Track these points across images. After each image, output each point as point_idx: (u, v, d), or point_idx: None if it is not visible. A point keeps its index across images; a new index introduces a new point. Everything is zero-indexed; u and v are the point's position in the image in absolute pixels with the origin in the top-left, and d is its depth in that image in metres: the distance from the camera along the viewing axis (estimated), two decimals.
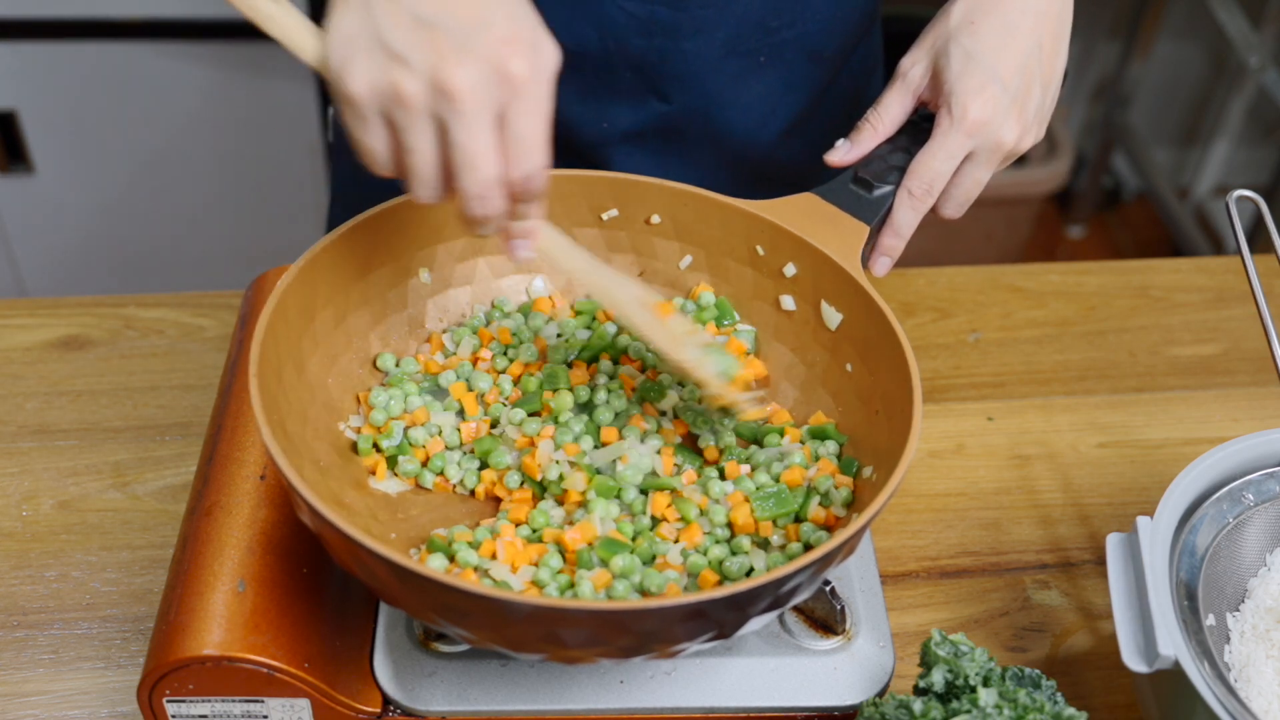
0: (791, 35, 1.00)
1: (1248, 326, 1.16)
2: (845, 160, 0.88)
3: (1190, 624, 0.73)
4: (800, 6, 0.98)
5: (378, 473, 0.80)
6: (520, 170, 0.65)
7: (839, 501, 0.78)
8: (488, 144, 0.64)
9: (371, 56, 0.63)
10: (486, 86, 0.63)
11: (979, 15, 0.84)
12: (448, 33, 0.62)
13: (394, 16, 0.63)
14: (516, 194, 0.66)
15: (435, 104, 0.63)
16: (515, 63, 0.63)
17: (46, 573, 0.89)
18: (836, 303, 0.84)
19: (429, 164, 0.65)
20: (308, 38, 0.67)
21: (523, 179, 0.65)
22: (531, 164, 0.65)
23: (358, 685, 0.76)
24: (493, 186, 0.65)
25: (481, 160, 0.64)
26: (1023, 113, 0.84)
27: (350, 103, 0.64)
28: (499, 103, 0.63)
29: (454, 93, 0.62)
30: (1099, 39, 2.72)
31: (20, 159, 2.04)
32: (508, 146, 0.65)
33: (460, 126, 0.63)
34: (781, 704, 0.77)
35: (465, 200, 0.65)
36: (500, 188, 0.65)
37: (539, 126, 0.65)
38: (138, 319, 1.09)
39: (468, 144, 0.63)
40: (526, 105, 0.64)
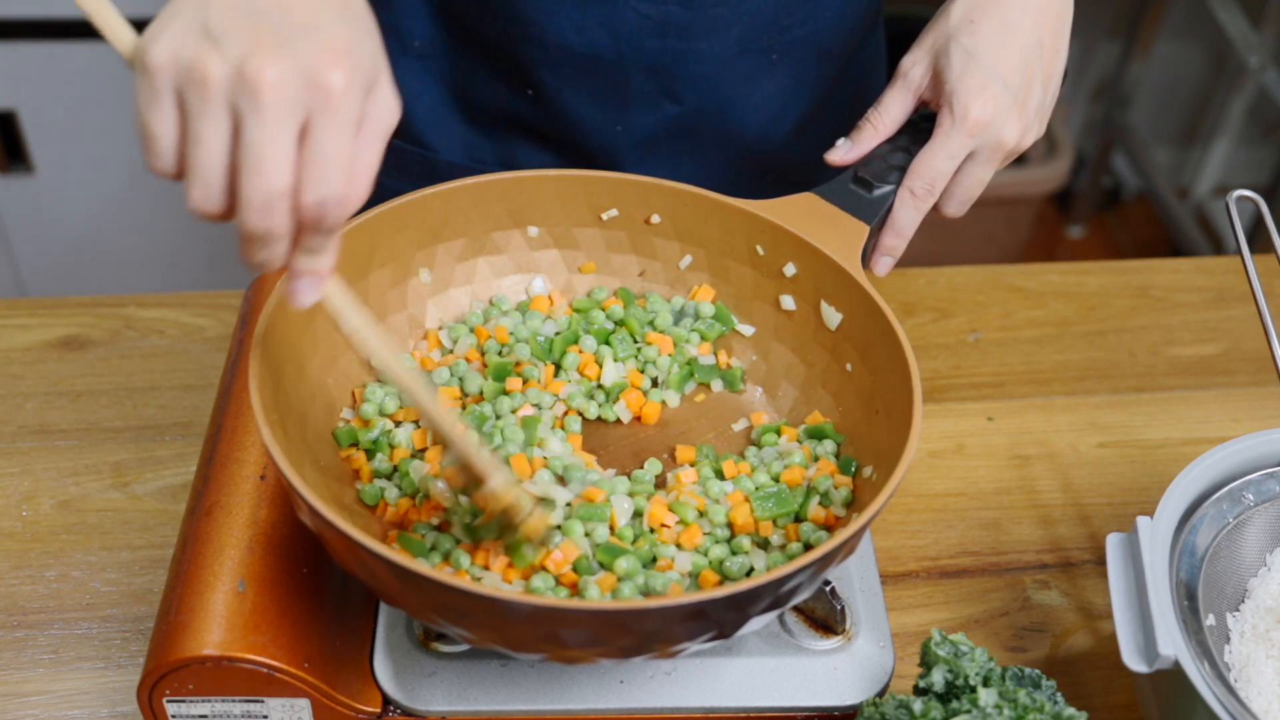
0: (803, 33, 1.00)
1: (1248, 326, 1.16)
2: (846, 160, 0.88)
3: (1190, 624, 0.73)
4: (811, 4, 0.98)
5: (363, 475, 0.80)
6: (316, 192, 0.57)
7: (839, 501, 0.78)
8: (283, 150, 0.56)
9: (185, 31, 0.56)
10: (296, 89, 0.56)
11: (979, 14, 0.84)
12: (273, 27, 0.56)
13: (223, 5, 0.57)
14: (306, 220, 0.58)
15: (236, 93, 0.55)
16: (334, 74, 0.56)
17: (46, 573, 0.89)
18: (836, 303, 0.84)
19: (214, 160, 0.57)
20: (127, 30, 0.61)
21: (316, 203, 0.57)
22: (329, 188, 0.57)
23: (358, 685, 0.76)
24: (278, 199, 0.57)
25: (271, 165, 0.56)
26: (1024, 111, 0.84)
27: (146, 73, 0.57)
28: (306, 111, 0.56)
29: (259, 85, 0.55)
30: (1099, 39, 2.72)
31: (20, 159, 2.04)
32: (306, 162, 0.57)
33: (256, 123, 0.55)
34: (781, 704, 0.77)
35: (244, 210, 0.57)
36: (287, 203, 0.57)
37: (344, 148, 0.57)
38: (138, 319, 1.09)
39: (260, 143, 0.56)
40: (335, 122, 0.57)
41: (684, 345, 0.87)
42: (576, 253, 0.90)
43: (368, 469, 0.79)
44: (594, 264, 0.91)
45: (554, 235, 0.89)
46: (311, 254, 0.61)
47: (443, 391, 0.83)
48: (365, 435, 0.80)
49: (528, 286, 0.91)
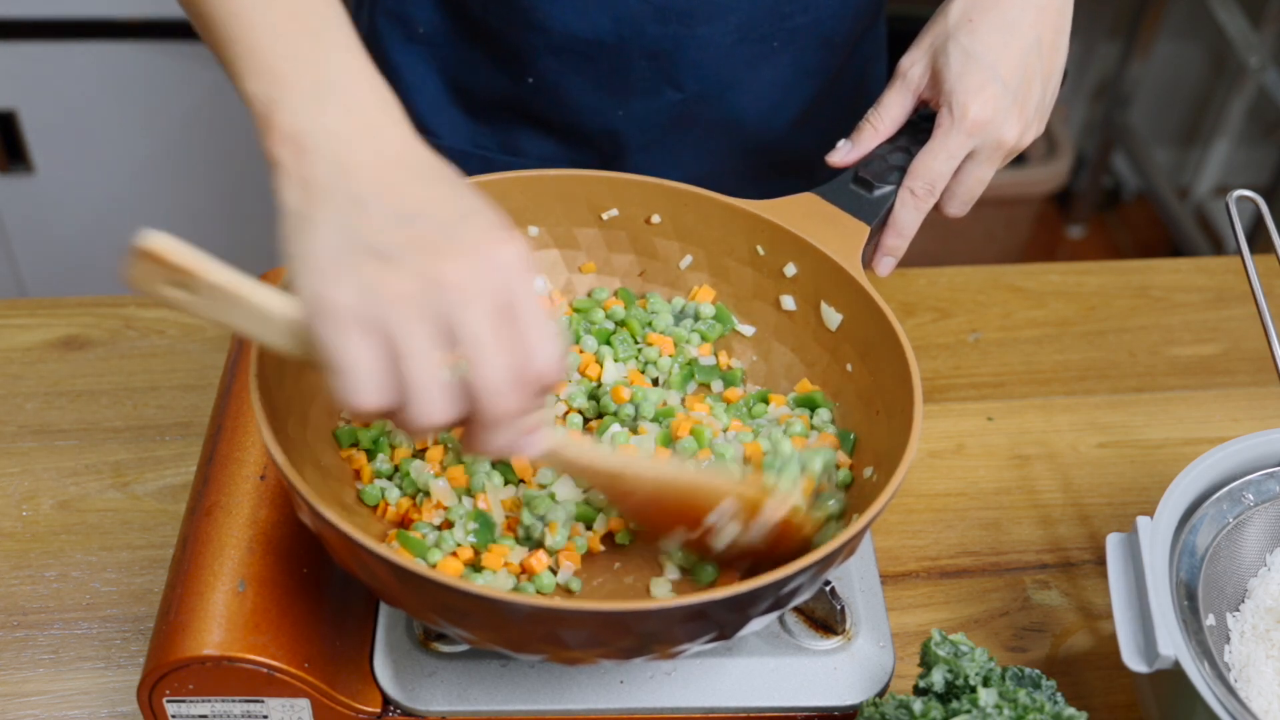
0: (805, 21, 1.00)
1: (1248, 326, 1.16)
2: (846, 161, 0.88)
3: (1190, 624, 0.73)
4: None
5: (363, 475, 0.80)
6: (542, 356, 0.58)
7: (839, 482, 0.79)
8: (500, 332, 0.57)
9: (356, 263, 0.56)
10: (485, 274, 0.57)
11: (977, 13, 0.84)
12: (433, 226, 0.57)
13: (371, 220, 0.57)
14: (543, 388, 0.59)
15: (436, 300, 0.56)
16: (506, 249, 0.58)
17: (46, 573, 0.89)
18: (836, 303, 0.84)
19: (433, 370, 0.56)
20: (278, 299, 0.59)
21: (545, 365, 0.58)
22: (550, 351, 0.58)
23: (358, 685, 0.76)
24: (515, 380, 0.57)
25: (501, 350, 0.57)
26: (1024, 110, 0.84)
27: (332, 316, 0.56)
28: (501, 290, 0.57)
29: (459, 284, 0.56)
30: (1099, 39, 2.72)
31: (20, 159, 2.04)
32: (522, 333, 0.57)
33: (469, 318, 0.56)
34: (781, 704, 0.77)
35: (487, 403, 0.57)
36: (521, 382, 0.58)
37: (543, 311, 0.59)
38: (138, 319, 1.09)
39: (482, 334, 0.56)
40: (526, 289, 0.58)
41: (684, 346, 0.87)
42: (576, 253, 0.90)
43: (368, 469, 0.79)
44: (594, 264, 0.91)
45: (554, 235, 0.89)
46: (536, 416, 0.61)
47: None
48: (365, 435, 0.80)
49: None
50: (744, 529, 0.71)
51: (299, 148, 0.60)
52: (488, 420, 0.58)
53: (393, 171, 0.60)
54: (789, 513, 0.71)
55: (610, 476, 0.71)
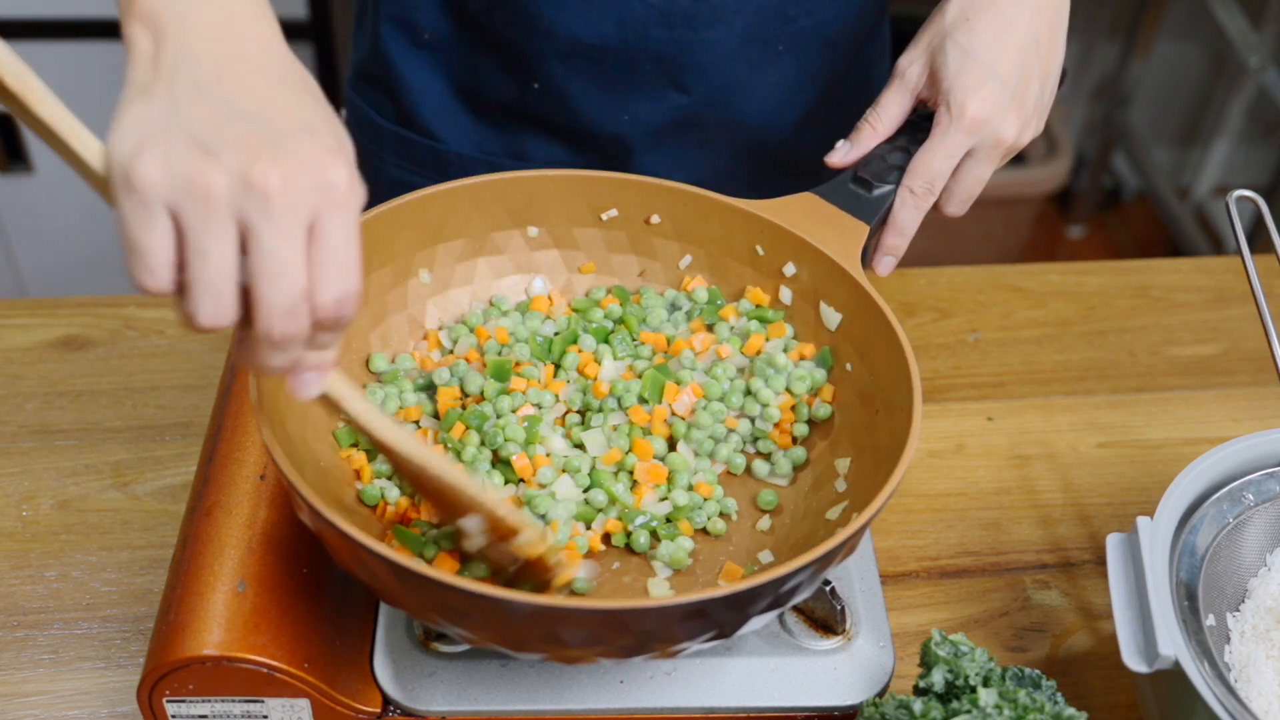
0: (809, 23, 1.00)
1: (1248, 326, 1.16)
2: (845, 161, 0.88)
3: (1190, 624, 0.73)
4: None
5: (363, 475, 0.80)
6: (334, 290, 0.56)
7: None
8: (299, 252, 0.55)
9: (171, 144, 0.54)
10: (303, 190, 0.55)
11: (974, 12, 0.84)
12: (265, 130, 0.56)
13: (203, 108, 0.56)
14: (325, 319, 0.57)
15: (242, 202, 0.54)
16: (337, 171, 0.56)
17: (46, 573, 0.89)
18: (836, 303, 0.84)
19: (224, 273, 0.55)
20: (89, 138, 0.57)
21: (335, 300, 0.56)
22: (346, 284, 0.57)
23: (358, 685, 0.76)
24: (301, 302, 0.56)
25: (291, 269, 0.55)
26: (1022, 108, 0.84)
27: (135, 190, 0.54)
28: (313, 211, 0.56)
29: (268, 190, 0.54)
30: (1099, 39, 2.72)
31: (20, 159, 2.04)
32: (321, 262, 0.56)
33: (270, 229, 0.54)
34: (781, 704, 0.77)
35: (267, 318, 0.56)
36: (308, 305, 0.56)
37: (355, 244, 0.57)
38: (138, 319, 1.09)
39: (277, 248, 0.54)
40: (343, 219, 0.56)
41: (675, 343, 0.87)
42: (576, 253, 0.90)
43: (368, 469, 0.79)
44: (594, 264, 0.91)
45: (554, 235, 0.89)
46: (320, 349, 0.60)
47: (443, 392, 0.83)
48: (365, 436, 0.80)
49: (528, 287, 0.91)
50: (491, 544, 0.71)
51: (155, 31, 0.58)
52: (268, 339, 0.57)
53: (244, 71, 0.58)
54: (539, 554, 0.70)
55: (380, 444, 0.68)
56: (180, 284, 0.56)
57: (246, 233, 0.55)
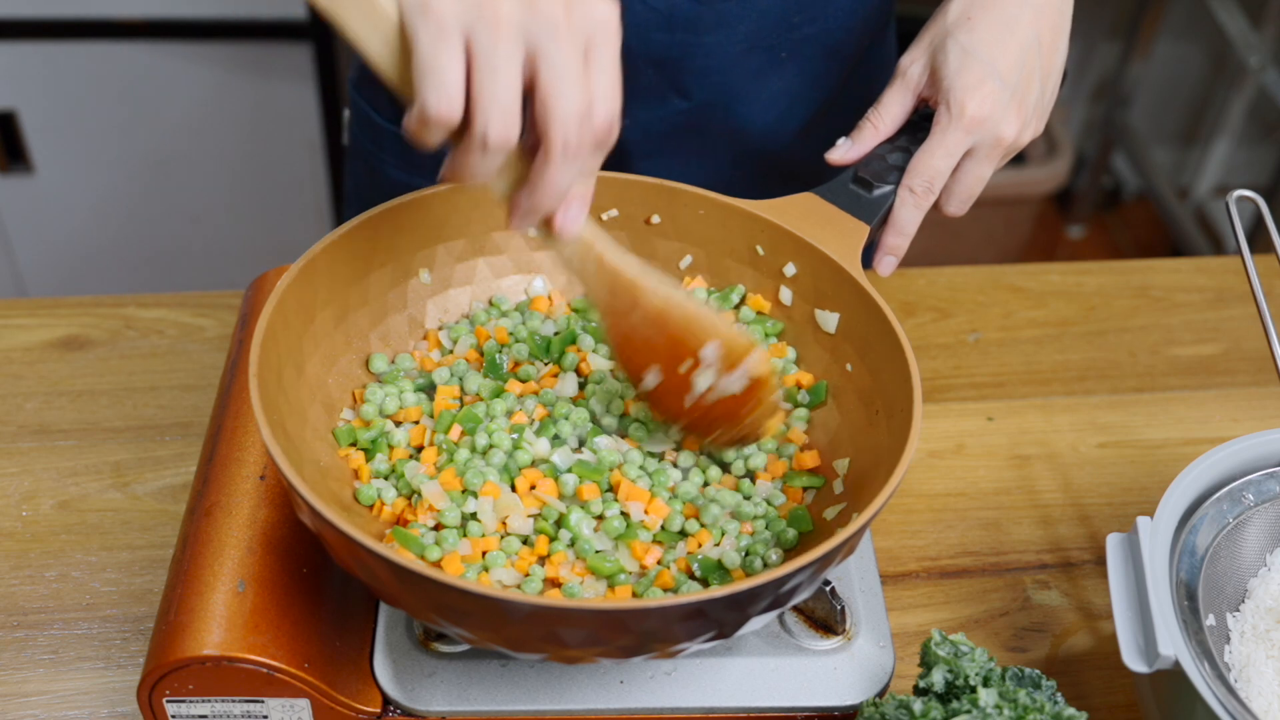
0: (813, 31, 1.00)
1: (1248, 326, 1.16)
2: (846, 159, 0.88)
3: (1190, 624, 0.73)
4: (822, 2, 0.98)
5: (361, 475, 0.79)
6: (606, 112, 0.62)
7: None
8: (580, 73, 0.61)
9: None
10: (579, 17, 0.61)
11: (976, 11, 0.84)
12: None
13: None
14: (599, 136, 0.63)
15: (532, 25, 0.60)
16: (606, 6, 0.62)
17: (46, 573, 0.89)
18: (835, 303, 0.84)
19: (512, 89, 0.60)
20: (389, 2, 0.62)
21: (606, 122, 0.63)
22: (614, 106, 0.63)
23: (358, 685, 0.76)
24: (585, 116, 0.62)
25: (578, 83, 0.61)
26: (1022, 107, 0.84)
27: (430, 16, 0.59)
28: (588, 39, 0.61)
29: (554, 16, 0.60)
30: (1099, 39, 2.72)
31: (20, 159, 2.04)
32: (596, 81, 0.62)
33: (557, 49, 0.60)
34: (781, 704, 0.77)
35: (563, 127, 0.61)
36: (589, 124, 0.62)
37: (617, 71, 0.63)
38: (138, 319, 1.09)
39: (564, 67, 0.60)
40: (610, 48, 0.62)
41: None
42: None
43: (366, 469, 0.79)
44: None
45: None
46: (587, 180, 0.66)
47: (441, 391, 0.83)
48: (363, 435, 0.80)
49: (527, 287, 0.91)
50: (721, 375, 0.75)
51: None
52: (556, 150, 0.62)
53: None
54: (766, 373, 0.75)
55: (625, 284, 0.73)
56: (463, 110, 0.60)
57: (535, 54, 0.60)
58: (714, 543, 0.77)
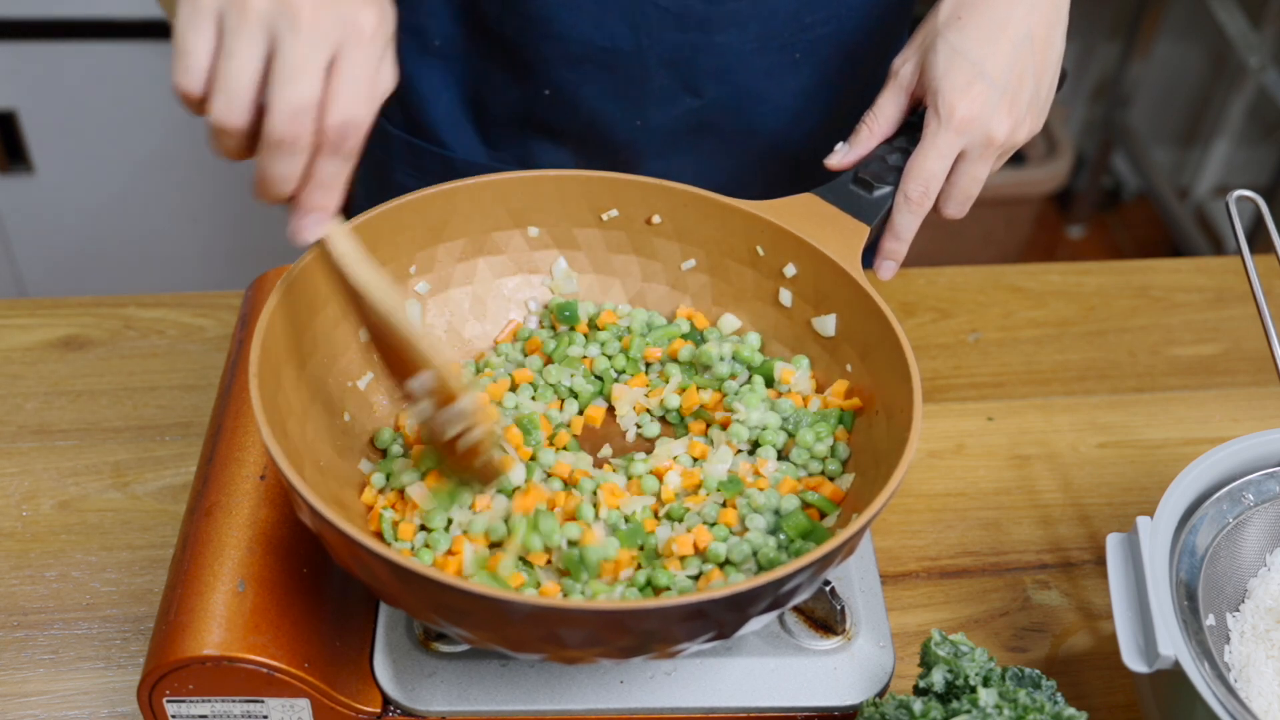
0: (826, 32, 0.99)
1: (1248, 326, 1.16)
2: (844, 164, 0.88)
3: (1190, 624, 0.73)
4: (835, 3, 0.98)
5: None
6: (341, 112, 0.63)
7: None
8: (316, 68, 0.62)
9: None
10: (330, 20, 0.62)
11: (966, 10, 0.84)
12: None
13: None
14: (328, 140, 0.63)
15: (276, 18, 0.61)
16: (367, 14, 0.63)
17: (46, 573, 0.89)
18: (835, 303, 0.84)
19: (245, 74, 0.61)
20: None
21: (341, 123, 0.63)
22: (354, 111, 0.63)
23: (358, 685, 0.76)
24: (307, 110, 0.62)
25: (305, 77, 0.61)
26: (1013, 106, 0.84)
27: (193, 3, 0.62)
28: (337, 42, 0.62)
29: (299, 11, 0.61)
30: (1099, 39, 2.72)
31: (20, 159, 2.04)
32: (334, 86, 0.62)
33: (292, 41, 0.61)
34: (781, 704, 0.77)
35: (274, 117, 0.62)
36: (313, 116, 0.62)
37: (369, 80, 0.63)
38: (138, 319, 1.09)
39: (295, 58, 0.61)
40: (362, 55, 0.63)
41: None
42: (576, 253, 0.90)
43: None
44: (594, 264, 0.91)
45: (554, 235, 0.89)
46: (322, 188, 0.65)
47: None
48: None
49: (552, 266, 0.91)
50: (436, 410, 0.73)
51: None
52: (268, 140, 0.62)
53: None
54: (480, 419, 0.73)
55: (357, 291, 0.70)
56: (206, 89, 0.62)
57: (274, 45, 0.61)
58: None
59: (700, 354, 0.86)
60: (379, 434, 0.82)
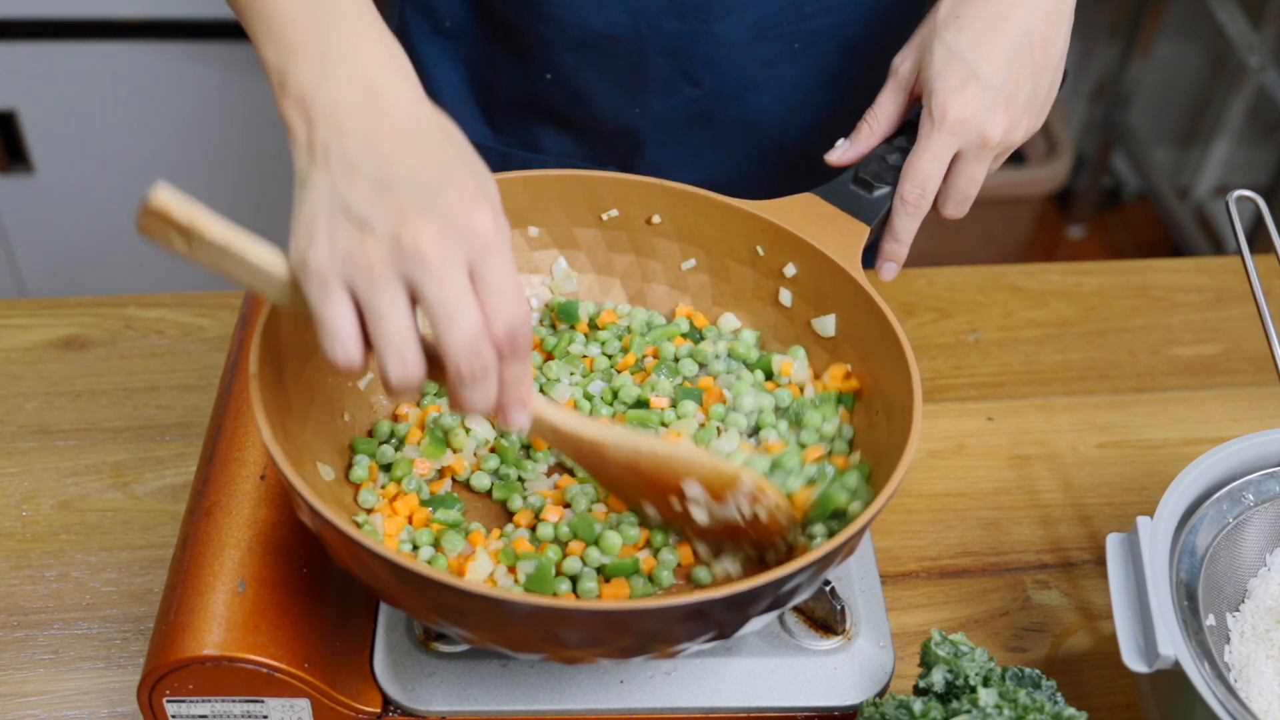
0: (827, 23, 0.99)
1: (1248, 326, 1.16)
2: (844, 160, 0.88)
3: (1190, 624, 0.73)
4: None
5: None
6: (503, 321, 0.61)
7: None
8: (466, 295, 0.60)
9: (334, 225, 0.60)
10: (453, 241, 0.60)
11: (964, 9, 0.84)
12: (411, 194, 0.60)
13: (355, 185, 0.61)
14: (502, 349, 0.62)
15: (403, 264, 0.59)
16: (480, 217, 0.61)
17: (46, 573, 0.89)
18: (835, 303, 0.84)
19: (403, 330, 0.60)
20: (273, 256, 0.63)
21: (507, 331, 0.61)
22: (513, 314, 0.61)
23: (358, 685, 0.76)
24: (480, 338, 0.60)
25: (463, 310, 0.60)
26: (1009, 106, 0.83)
27: (312, 274, 0.60)
28: (467, 257, 0.60)
29: (421, 249, 0.59)
30: (1099, 39, 2.72)
31: (20, 159, 2.04)
32: (486, 299, 0.61)
33: (432, 282, 0.59)
34: (781, 704, 0.77)
35: (455, 359, 0.60)
36: (487, 340, 0.61)
37: (512, 277, 0.62)
38: (138, 319, 1.09)
39: (445, 297, 0.59)
40: (497, 258, 0.61)
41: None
42: (576, 253, 0.90)
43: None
44: (594, 264, 0.91)
45: (554, 235, 0.90)
46: (515, 387, 0.64)
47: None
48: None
49: (552, 266, 0.91)
50: (715, 507, 0.74)
51: (306, 113, 0.63)
52: (459, 377, 0.61)
53: (387, 137, 0.62)
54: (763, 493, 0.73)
55: (589, 445, 0.72)
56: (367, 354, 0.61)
57: (414, 290, 0.60)
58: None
59: (696, 352, 0.86)
60: (377, 426, 0.82)
